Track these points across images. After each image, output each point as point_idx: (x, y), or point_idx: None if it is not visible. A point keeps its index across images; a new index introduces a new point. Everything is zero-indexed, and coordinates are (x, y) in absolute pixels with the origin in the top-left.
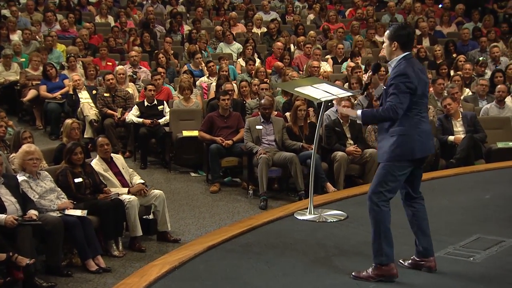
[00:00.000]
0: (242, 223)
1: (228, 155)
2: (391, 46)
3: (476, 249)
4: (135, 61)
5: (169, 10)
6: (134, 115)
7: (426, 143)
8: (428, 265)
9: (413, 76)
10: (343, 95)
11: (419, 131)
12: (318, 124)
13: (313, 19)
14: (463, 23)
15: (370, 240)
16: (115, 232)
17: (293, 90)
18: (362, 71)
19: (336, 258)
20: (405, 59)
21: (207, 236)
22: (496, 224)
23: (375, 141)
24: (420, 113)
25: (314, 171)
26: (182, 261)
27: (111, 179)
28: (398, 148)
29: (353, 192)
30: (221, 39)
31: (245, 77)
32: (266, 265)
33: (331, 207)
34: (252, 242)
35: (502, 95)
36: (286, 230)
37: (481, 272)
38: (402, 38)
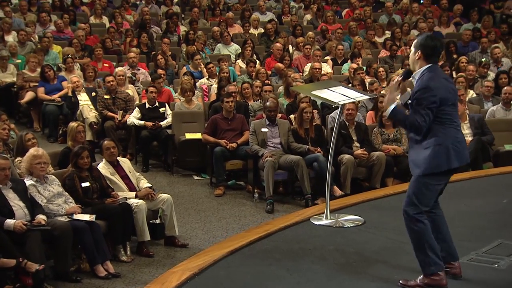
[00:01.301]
0: (259, 228)
1: (233, 158)
2: (415, 54)
3: (499, 255)
4: (133, 62)
5: (164, 10)
6: (136, 118)
7: (462, 152)
8: (453, 271)
9: (438, 87)
10: (360, 98)
11: (454, 140)
12: (335, 126)
13: (310, 19)
14: (461, 24)
15: (390, 246)
16: (123, 237)
17: (310, 94)
18: (364, 73)
19: (357, 265)
20: (428, 70)
21: (225, 242)
22: None
23: (381, 143)
24: (454, 122)
25: (321, 175)
26: (201, 267)
27: (118, 183)
28: (435, 160)
29: (369, 196)
30: (219, 40)
31: (245, 79)
32: (287, 271)
33: (347, 212)
34: (271, 248)
35: (509, 97)
36: (303, 235)
37: (508, 279)
38: (427, 49)
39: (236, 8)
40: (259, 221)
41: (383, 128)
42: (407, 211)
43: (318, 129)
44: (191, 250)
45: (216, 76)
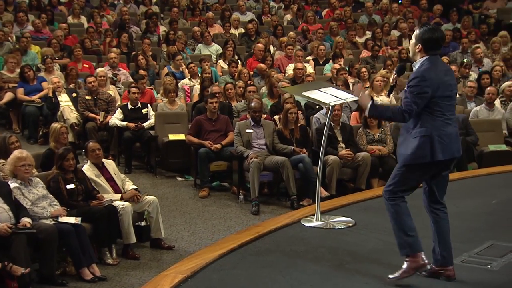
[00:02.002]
0: (250, 230)
1: (217, 159)
2: (416, 46)
3: (491, 256)
4: (114, 63)
5: (143, 10)
6: (118, 119)
7: (449, 146)
8: (447, 274)
9: (432, 78)
10: (351, 99)
11: (441, 133)
12: (326, 127)
13: (290, 19)
14: (441, 24)
15: (382, 247)
16: (108, 240)
17: (301, 95)
18: (347, 73)
19: (351, 266)
20: (428, 60)
21: (216, 244)
22: (507, 230)
23: (366, 144)
24: (445, 115)
25: (306, 175)
26: (194, 270)
27: (103, 185)
28: (419, 150)
29: (358, 197)
30: (200, 40)
31: (228, 79)
32: (281, 274)
33: (337, 213)
34: (263, 250)
35: (492, 97)
36: (295, 237)
37: (501, 281)
38: (428, 41)
39: (215, 8)
40: (245, 222)
41: (368, 128)
42: (386, 193)
43: (303, 130)
44: (177, 252)
45: (198, 77)
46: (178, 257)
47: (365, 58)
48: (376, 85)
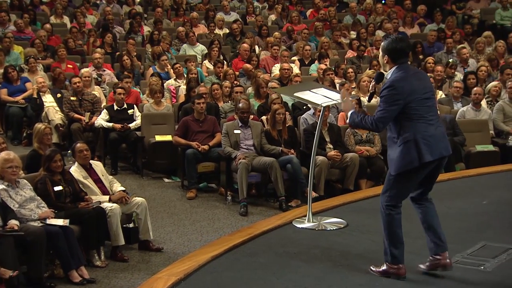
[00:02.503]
0: (242, 232)
1: (205, 160)
2: (383, 58)
3: (484, 257)
4: (99, 63)
5: (126, 10)
6: (104, 120)
7: (434, 146)
8: (443, 262)
9: (402, 86)
10: None
11: (425, 135)
12: (318, 127)
13: (274, 20)
14: (425, 24)
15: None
16: (97, 242)
17: (293, 95)
18: (333, 73)
19: (344, 268)
20: (397, 69)
21: (208, 246)
22: (499, 231)
23: (354, 145)
24: (424, 117)
25: (294, 176)
26: (187, 272)
27: (91, 186)
28: (406, 157)
29: (349, 198)
30: (184, 41)
31: (214, 80)
32: (274, 276)
33: (329, 215)
34: (256, 252)
35: (479, 98)
36: (287, 238)
37: (495, 281)
38: (393, 52)
39: (199, 8)
40: (233, 224)
41: (355, 129)
42: (381, 201)
43: (291, 130)
44: (166, 254)
45: (184, 77)
46: (167, 259)
47: (351, 58)
48: (362, 86)
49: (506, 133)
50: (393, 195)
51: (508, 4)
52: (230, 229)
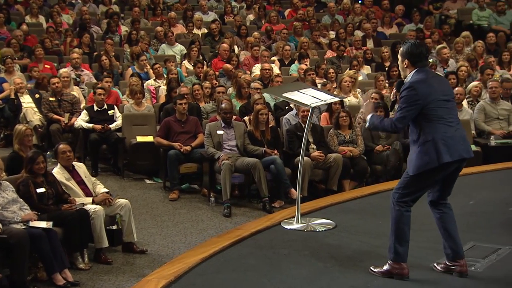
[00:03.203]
0: (230, 233)
1: (187, 161)
2: (403, 63)
3: (475, 258)
4: (77, 63)
5: (103, 10)
6: (84, 120)
7: (453, 147)
8: (459, 269)
9: (421, 87)
10: (331, 100)
11: (444, 136)
12: (306, 128)
13: (253, 20)
14: (403, 25)
15: (365, 249)
16: (80, 244)
17: (282, 96)
18: (315, 73)
19: (335, 269)
20: (417, 72)
21: (198, 248)
22: (487, 231)
23: (337, 145)
24: (444, 118)
25: (278, 177)
26: (177, 275)
27: (73, 188)
28: (425, 157)
29: (337, 199)
30: (163, 40)
31: (194, 80)
32: (265, 277)
33: (317, 216)
34: (245, 254)
35: (460, 98)
36: (276, 240)
37: (487, 281)
38: (413, 56)
39: (177, 8)
40: (217, 225)
41: (339, 129)
42: (393, 196)
43: (274, 131)
44: (150, 256)
45: (163, 77)
46: (151, 261)
47: (330, 58)
48: (344, 86)
49: (487, 133)
50: (406, 194)
51: (484, 4)
52: (214, 231)
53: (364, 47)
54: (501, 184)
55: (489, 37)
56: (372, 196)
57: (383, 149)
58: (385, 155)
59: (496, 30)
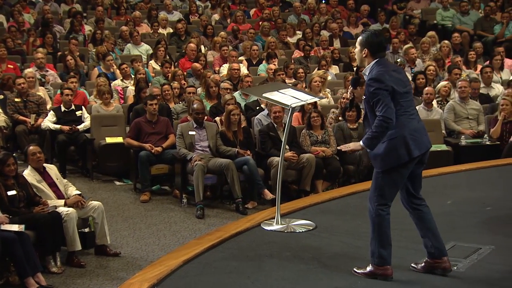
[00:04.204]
0: (211, 235)
1: (158, 162)
2: (362, 52)
3: (456, 258)
4: (41, 63)
5: (65, 9)
6: (51, 121)
7: (420, 140)
8: (443, 266)
9: (387, 79)
10: (311, 100)
11: (409, 130)
12: (286, 129)
13: (218, 19)
14: (368, 24)
15: (346, 250)
16: (53, 247)
17: (262, 96)
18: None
19: (318, 271)
20: (377, 64)
21: (178, 250)
22: (466, 231)
23: (309, 145)
24: (407, 112)
25: (251, 178)
26: (159, 277)
27: (45, 190)
28: (393, 152)
29: (315, 200)
30: (128, 40)
31: (161, 80)
32: (249, 279)
33: (296, 216)
34: (227, 256)
35: (430, 98)
36: (257, 241)
37: (470, 281)
38: (374, 45)
39: (140, 7)
40: (190, 226)
41: (311, 129)
42: (370, 201)
43: (246, 131)
44: (124, 259)
45: (130, 77)
46: (125, 264)
47: (298, 58)
48: (314, 86)
49: (457, 132)
50: (383, 194)
51: (448, 5)
52: (188, 232)
53: (331, 47)
54: (476, 183)
55: (454, 37)
56: (350, 197)
57: None
58: (357, 155)
59: (460, 30)
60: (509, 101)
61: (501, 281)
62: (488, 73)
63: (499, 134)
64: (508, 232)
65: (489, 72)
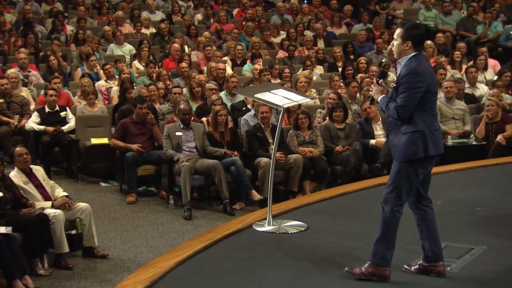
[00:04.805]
0: (203, 237)
1: (145, 163)
2: (404, 44)
3: (449, 258)
4: (24, 64)
5: (46, 9)
6: (35, 122)
7: (438, 141)
8: (438, 270)
9: (425, 73)
10: (303, 101)
11: (432, 128)
12: (278, 129)
13: (201, 19)
14: (352, 25)
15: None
16: (40, 249)
17: (254, 97)
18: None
19: (312, 272)
20: (416, 57)
21: (171, 252)
22: (458, 231)
23: (297, 146)
24: (433, 111)
25: (238, 179)
26: (153, 280)
27: (32, 192)
28: (412, 146)
29: (306, 200)
30: (111, 40)
31: (146, 81)
32: (243, 281)
33: (288, 217)
34: (219, 257)
35: None
36: (250, 242)
37: (464, 282)
38: (416, 37)
39: (122, 7)
40: (178, 228)
41: (298, 130)
42: (386, 201)
43: (233, 132)
44: (112, 261)
45: (114, 78)
46: (113, 266)
47: (282, 58)
48: (299, 86)
49: (443, 133)
50: (400, 195)
51: (430, 5)
52: (176, 234)
53: (316, 47)
54: (466, 184)
55: (438, 37)
56: (340, 198)
57: (343, 149)
58: (345, 155)
59: (442, 30)
60: (494, 101)
61: (495, 282)
62: (473, 73)
63: (484, 134)
64: (499, 232)
65: (474, 72)
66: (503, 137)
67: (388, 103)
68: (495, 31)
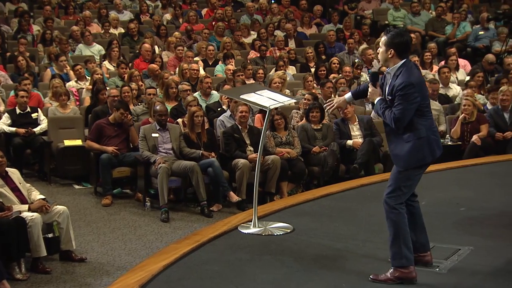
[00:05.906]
0: (189, 239)
1: (120, 165)
2: (387, 53)
3: (437, 259)
4: None
5: (10, 8)
6: (5, 124)
7: (439, 141)
8: (426, 259)
9: (418, 83)
10: (289, 102)
11: (433, 130)
12: (263, 129)
13: (170, 19)
14: (322, 25)
15: (326, 253)
16: (17, 253)
17: (239, 98)
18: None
19: (301, 274)
20: (405, 66)
21: (158, 255)
22: (444, 232)
23: (274, 147)
24: (431, 113)
25: (216, 180)
26: (141, 283)
27: (8, 195)
28: (419, 153)
29: (290, 202)
30: (79, 40)
31: (117, 81)
32: (232, 284)
33: (273, 219)
34: (207, 260)
35: None
36: (236, 245)
37: (453, 282)
38: (399, 46)
39: (89, 7)
40: (156, 230)
41: (275, 131)
42: (388, 201)
43: (210, 133)
44: (90, 264)
45: (85, 78)
46: (92, 269)
47: (254, 59)
48: (274, 87)
49: None
50: (401, 194)
51: (399, 5)
52: (154, 236)
53: (287, 48)
54: (448, 184)
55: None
56: (325, 198)
57: (320, 150)
58: (322, 156)
59: (411, 30)
60: (471, 101)
61: (483, 282)
62: (446, 74)
63: (460, 135)
64: (484, 233)
65: (447, 73)
66: (478, 138)
67: (385, 110)
68: (464, 31)
